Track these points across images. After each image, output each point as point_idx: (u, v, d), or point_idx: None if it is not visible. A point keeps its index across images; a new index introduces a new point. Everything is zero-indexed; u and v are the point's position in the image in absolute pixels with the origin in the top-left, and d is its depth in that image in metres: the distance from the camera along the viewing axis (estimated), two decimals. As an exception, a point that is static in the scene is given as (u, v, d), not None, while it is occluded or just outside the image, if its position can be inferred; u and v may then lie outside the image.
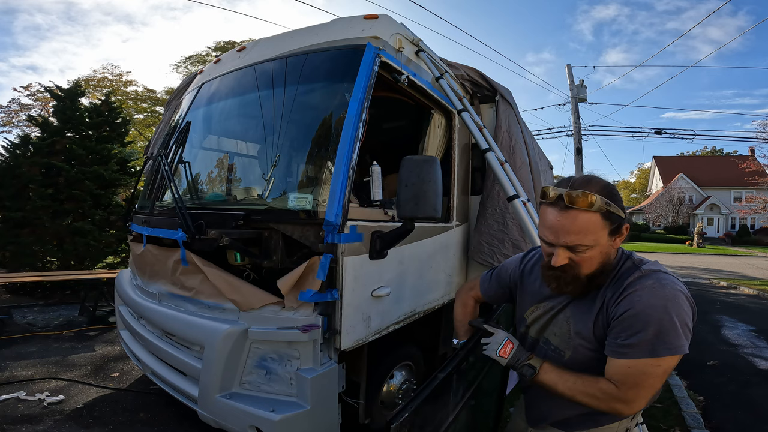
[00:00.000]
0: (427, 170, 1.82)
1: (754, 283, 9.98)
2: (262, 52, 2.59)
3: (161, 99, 17.07)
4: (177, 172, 2.64)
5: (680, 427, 2.81)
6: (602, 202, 0.99)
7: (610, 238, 1.05)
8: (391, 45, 2.32)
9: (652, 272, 1.07)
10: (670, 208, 33.39)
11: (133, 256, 2.99)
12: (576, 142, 12.74)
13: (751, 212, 27.57)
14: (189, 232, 2.01)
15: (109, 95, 8.15)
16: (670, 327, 0.97)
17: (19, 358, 3.58)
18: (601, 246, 1.04)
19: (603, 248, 1.05)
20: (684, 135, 17.14)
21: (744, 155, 32.40)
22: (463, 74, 3.20)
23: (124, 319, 2.89)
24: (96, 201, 6.42)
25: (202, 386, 1.96)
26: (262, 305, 1.97)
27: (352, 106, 2.01)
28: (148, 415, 2.73)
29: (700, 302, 7.50)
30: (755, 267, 14.71)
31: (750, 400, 3.36)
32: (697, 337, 5.14)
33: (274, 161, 2.23)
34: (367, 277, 2.06)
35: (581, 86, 13.08)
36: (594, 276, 1.08)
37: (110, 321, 4.88)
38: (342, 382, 2.05)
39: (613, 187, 1.06)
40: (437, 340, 3.07)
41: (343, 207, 1.86)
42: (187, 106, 2.97)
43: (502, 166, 2.62)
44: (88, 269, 6.10)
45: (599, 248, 1.04)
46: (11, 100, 17.10)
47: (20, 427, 2.50)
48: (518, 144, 3.12)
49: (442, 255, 2.81)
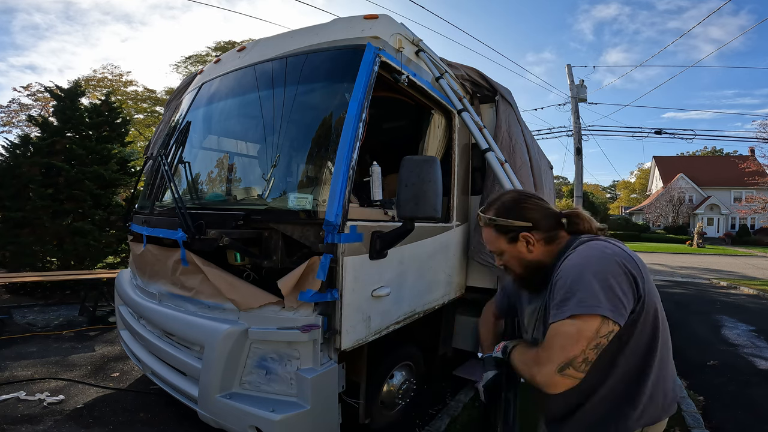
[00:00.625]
0: (427, 170, 1.82)
1: (754, 283, 9.98)
2: (262, 52, 2.59)
3: (161, 99, 17.07)
4: (177, 172, 2.64)
5: (680, 427, 2.81)
6: (487, 219, 1.21)
7: (511, 245, 1.20)
8: (391, 45, 2.32)
9: (589, 240, 1.11)
10: (670, 208, 33.39)
11: (133, 256, 2.99)
12: (576, 142, 12.74)
13: (751, 212, 27.57)
14: (189, 232, 2.01)
15: (109, 95, 8.15)
16: (585, 285, 0.97)
17: (19, 358, 3.58)
18: (509, 251, 1.21)
19: (513, 253, 1.21)
20: (684, 135, 17.16)
21: (744, 155, 32.44)
22: (463, 74, 3.20)
23: (124, 319, 2.89)
24: (96, 201, 6.42)
25: (202, 386, 1.96)
26: (262, 305, 1.97)
27: (352, 106, 2.01)
28: (148, 415, 2.73)
29: (700, 302, 7.54)
30: (755, 267, 14.70)
31: (750, 400, 3.36)
32: (697, 337, 5.17)
33: (274, 161, 2.23)
34: (367, 277, 2.06)
35: (581, 86, 13.08)
36: (531, 273, 1.21)
37: (110, 321, 4.88)
38: (342, 382, 2.06)
39: (513, 203, 1.21)
40: (437, 340, 3.08)
41: (343, 207, 1.86)
42: (187, 106, 2.97)
43: (502, 166, 2.62)
44: (88, 269, 6.10)
45: (508, 253, 1.21)
46: (11, 100, 17.12)
47: (20, 427, 2.50)
48: (518, 144, 3.12)
49: (442, 255, 2.81)
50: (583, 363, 0.96)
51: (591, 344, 0.95)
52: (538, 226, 1.18)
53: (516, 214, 1.19)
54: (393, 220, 2.26)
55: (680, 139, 34.74)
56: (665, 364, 1.14)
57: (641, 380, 1.09)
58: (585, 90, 13.15)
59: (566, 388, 0.98)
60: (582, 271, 1.00)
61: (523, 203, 1.21)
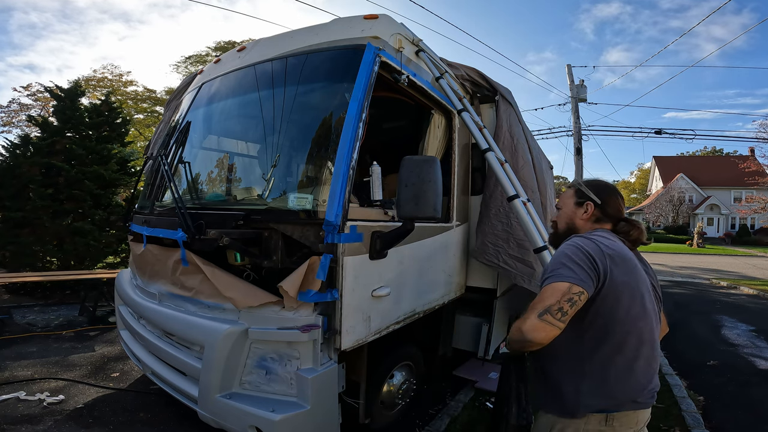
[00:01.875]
0: (427, 170, 1.82)
1: (754, 283, 9.98)
2: (262, 52, 2.59)
3: (161, 99, 17.06)
4: (177, 172, 2.64)
5: (680, 427, 2.81)
6: (576, 183, 1.55)
7: (575, 207, 1.49)
8: (391, 45, 2.32)
9: (591, 233, 1.40)
10: (670, 208, 33.38)
11: (133, 256, 2.99)
12: (576, 142, 12.74)
13: (751, 212, 27.55)
14: (189, 232, 2.01)
15: (109, 95, 8.15)
16: (552, 261, 1.31)
17: (19, 358, 3.58)
18: (568, 209, 1.51)
19: (569, 212, 1.51)
20: (684, 135, 17.16)
21: (744, 155, 32.40)
22: (463, 74, 3.20)
23: (124, 319, 2.89)
24: (96, 201, 6.41)
25: (202, 386, 1.96)
26: (261, 303, 1.97)
27: (352, 106, 2.01)
28: (148, 415, 2.73)
29: (700, 302, 7.53)
30: (755, 267, 14.70)
31: (750, 400, 3.36)
32: (697, 337, 5.18)
33: (274, 161, 2.23)
34: (367, 277, 2.06)
35: (581, 86, 13.08)
36: (565, 233, 1.50)
37: (110, 321, 4.88)
38: (342, 382, 2.06)
39: (604, 185, 1.52)
40: (437, 340, 3.08)
41: (343, 207, 1.86)
42: (187, 106, 2.97)
43: (502, 166, 2.62)
44: (88, 269, 6.10)
45: (566, 210, 1.52)
46: (11, 100, 17.10)
47: (20, 427, 2.50)
48: (520, 143, 3.12)
49: (442, 255, 2.81)
50: (558, 312, 1.17)
51: (564, 298, 1.18)
52: (602, 207, 1.45)
53: (596, 192, 1.48)
54: (393, 220, 2.26)
55: (680, 139, 34.77)
56: (622, 363, 1.27)
57: (584, 361, 1.28)
58: (585, 90, 13.15)
59: (546, 334, 1.16)
60: (558, 254, 1.32)
61: (607, 189, 1.50)
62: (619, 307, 1.25)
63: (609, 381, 1.26)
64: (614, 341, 1.26)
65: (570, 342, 1.28)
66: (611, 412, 1.27)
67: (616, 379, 1.26)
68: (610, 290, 1.24)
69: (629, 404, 1.28)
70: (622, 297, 1.25)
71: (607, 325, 1.26)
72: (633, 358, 1.27)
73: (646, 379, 1.30)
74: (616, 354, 1.26)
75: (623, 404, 1.27)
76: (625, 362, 1.27)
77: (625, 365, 1.27)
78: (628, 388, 1.27)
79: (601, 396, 1.26)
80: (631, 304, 1.27)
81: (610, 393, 1.26)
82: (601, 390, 1.26)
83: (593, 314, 1.26)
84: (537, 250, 2.28)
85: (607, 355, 1.26)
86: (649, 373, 1.31)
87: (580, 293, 1.19)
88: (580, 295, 1.19)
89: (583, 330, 1.27)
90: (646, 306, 1.31)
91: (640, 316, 1.28)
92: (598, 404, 1.26)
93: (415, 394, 2.85)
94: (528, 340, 1.17)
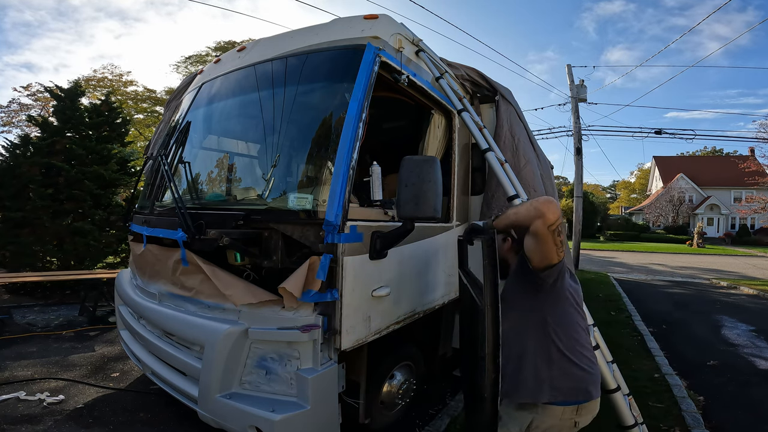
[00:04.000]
0: (427, 170, 1.82)
1: (754, 283, 9.97)
2: (262, 52, 2.59)
3: (161, 99, 17.05)
4: (177, 172, 2.64)
5: (680, 427, 2.81)
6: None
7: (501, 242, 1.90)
8: (391, 45, 2.32)
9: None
10: (670, 208, 33.37)
11: (133, 256, 2.99)
12: (576, 142, 12.73)
13: (751, 212, 27.53)
14: (189, 232, 2.01)
15: (109, 95, 8.15)
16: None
17: (19, 358, 3.58)
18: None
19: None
20: (684, 135, 17.14)
21: (744, 155, 32.39)
22: (463, 74, 3.20)
23: (124, 319, 2.89)
24: (96, 201, 6.41)
25: (202, 386, 1.96)
26: (260, 301, 1.97)
27: (352, 106, 2.01)
28: (148, 415, 2.73)
29: (700, 302, 7.54)
30: (755, 267, 14.70)
31: (750, 400, 3.36)
32: (697, 337, 5.18)
33: (274, 161, 2.23)
34: (367, 277, 2.06)
35: (581, 86, 13.07)
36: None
37: (110, 321, 4.88)
38: (342, 382, 2.06)
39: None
40: (437, 340, 3.07)
41: (343, 207, 1.86)
42: (187, 106, 2.97)
43: (502, 166, 2.62)
44: (88, 269, 6.09)
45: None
46: (11, 100, 17.09)
47: (20, 427, 2.50)
48: (521, 142, 3.10)
49: (442, 255, 2.81)
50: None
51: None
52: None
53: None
54: (393, 220, 2.26)
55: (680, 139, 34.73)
56: (535, 359, 1.56)
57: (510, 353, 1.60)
58: (585, 90, 13.14)
59: (555, 216, 1.41)
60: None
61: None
62: (549, 320, 1.60)
63: (513, 376, 1.64)
64: (532, 340, 1.67)
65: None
66: (508, 396, 1.62)
67: (517, 370, 1.67)
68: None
69: (514, 395, 1.64)
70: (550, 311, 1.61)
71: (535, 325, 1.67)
72: (538, 363, 1.65)
73: (536, 383, 1.61)
74: (530, 358, 1.65)
75: (510, 396, 1.64)
76: (535, 366, 1.65)
77: (528, 367, 1.66)
78: (519, 388, 1.65)
79: (504, 383, 1.63)
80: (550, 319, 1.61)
81: (511, 383, 1.64)
82: (506, 379, 1.63)
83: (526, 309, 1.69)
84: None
85: (515, 348, 1.67)
86: (540, 379, 1.60)
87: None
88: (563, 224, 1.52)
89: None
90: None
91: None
92: (504, 390, 1.62)
93: (415, 394, 2.85)
94: (543, 212, 1.40)
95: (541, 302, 1.59)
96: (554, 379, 1.55)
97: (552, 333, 1.57)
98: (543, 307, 1.59)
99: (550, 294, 1.57)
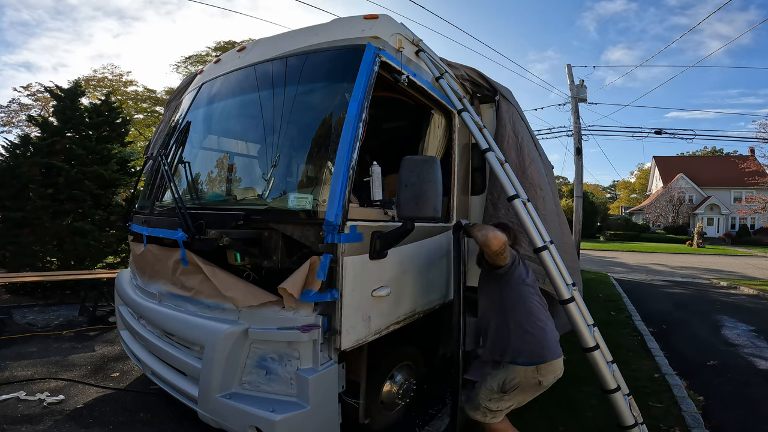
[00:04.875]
0: (427, 170, 1.82)
1: (754, 283, 9.97)
2: (262, 52, 2.59)
3: (161, 99, 17.05)
4: (177, 172, 2.64)
5: (680, 427, 2.81)
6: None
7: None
8: (391, 45, 2.32)
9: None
10: (670, 208, 33.37)
11: (133, 256, 2.99)
12: (576, 142, 12.73)
13: (751, 212, 27.54)
14: (189, 232, 2.01)
15: (109, 95, 8.15)
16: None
17: (19, 358, 3.58)
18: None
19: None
20: (684, 135, 17.13)
21: (744, 155, 32.40)
22: (463, 74, 3.20)
23: (124, 319, 2.89)
24: (96, 201, 6.41)
25: (202, 386, 1.96)
26: (260, 303, 1.97)
27: (352, 106, 2.01)
28: (148, 415, 2.73)
29: (700, 302, 7.54)
30: (755, 267, 14.70)
31: (750, 400, 3.36)
32: (697, 337, 5.18)
33: (274, 161, 2.23)
34: (367, 277, 2.06)
35: (581, 86, 13.07)
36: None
37: (110, 321, 4.87)
38: (342, 382, 2.06)
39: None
40: (437, 340, 3.07)
41: (343, 207, 1.86)
42: (187, 106, 2.97)
43: (502, 166, 2.62)
44: (88, 269, 6.09)
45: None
46: (11, 100, 17.11)
47: (20, 427, 2.50)
48: (525, 141, 3.09)
49: (442, 255, 2.81)
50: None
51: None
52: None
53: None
54: (393, 220, 2.26)
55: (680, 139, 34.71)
56: (498, 328, 2.15)
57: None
58: (585, 90, 13.13)
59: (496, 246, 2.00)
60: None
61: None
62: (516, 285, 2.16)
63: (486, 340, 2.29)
64: (497, 312, 2.23)
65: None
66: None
67: (488, 335, 2.27)
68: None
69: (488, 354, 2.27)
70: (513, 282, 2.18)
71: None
72: (500, 328, 2.20)
73: (501, 345, 2.17)
74: (496, 326, 2.22)
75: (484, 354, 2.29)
76: (495, 332, 2.23)
77: (493, 331, 2.24)
78: (493, 348, 2.23)
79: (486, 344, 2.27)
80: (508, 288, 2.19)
81: (487, 344, 2.26)
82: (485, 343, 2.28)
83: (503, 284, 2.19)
84: (537, 250, 2.28)
85: (485, 316, 2.31)
86: (504, 344, 2.13)
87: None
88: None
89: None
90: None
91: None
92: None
93: (415, 394, 2.85)
94: (488, 245, 2.00)
95: (500, 286, 2.16)
96: (513, 344, 2.06)
97: (509, 308, 2.11)
98: (501, 290, 2.15)
99: (504, 281, 2.14)
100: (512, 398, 2.08)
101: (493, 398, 2.09)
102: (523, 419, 2.74)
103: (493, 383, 2.10)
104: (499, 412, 2.12)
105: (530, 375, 2.02)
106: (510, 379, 2.05)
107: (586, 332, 2.16)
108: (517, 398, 2.10)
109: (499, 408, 2.11)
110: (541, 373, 2.02)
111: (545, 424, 2.79)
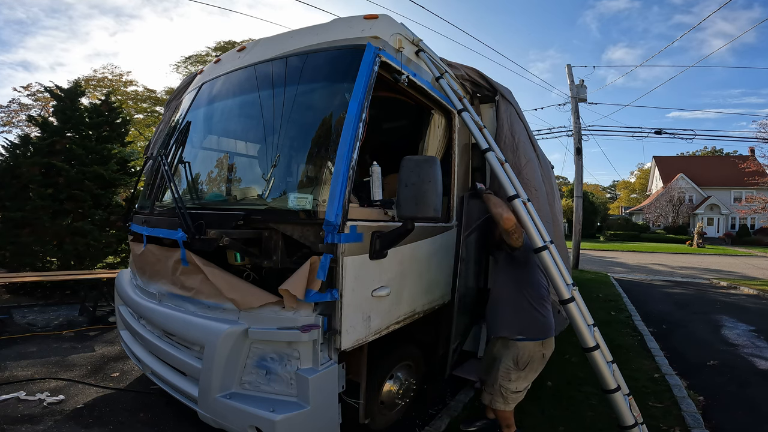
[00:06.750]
0: (427, 170, 1.82)
1: (754, 283, 9.97)
2: (263, 52, 2.59)
3: (161, 99, 17.06)
4: (177, 172, 2.64)
5: (680, 427, 2.81)
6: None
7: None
8: (391, 45, 2.32)
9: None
10: (670, 208, 33.37)
11: (133, 256, 2.99)
12: (576, 142, 12.74)
13: (751, 212, 27.53)
14: (189, 232, 2.01)
15: (109, 95, 8.14)
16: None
17: (19, 358, 3.58)
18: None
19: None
20: (684, 135, 17.16)
21: (744, 155, 32.42)
22: (463, 74, 3.20)
23: (124, 319, 2.89)
24: (96, 201, 6.41)
25: (202, 386, 1.96)
26: (262, 304, 1.97)
27: (352, 106, 2.01)
28: (148, 415, 2.73)
29: (700, 302, 7.54)
30: (755, 267, 14.70)
31: (750, 400, 3.36)
32: (697, 337, 5.18)
33: (274, 161, 2.23)
34: (367, 277, 2.06)
35: (581, 86, 13.08)
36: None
37: (110, 321, 4.88)
38: (342, 382, 2.06)
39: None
40: (437, 340, 3.07)
41: (343, 207, 1.86)
42: (187, 106, 2.97)
43: (502, 165, 2.62)
44: (88, 269, 6.09)
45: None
46: (11, 100, 17.13)
47: (20, 427, 2.50)
48: (521, 141, 3.10)
49: (442, 255, 2.81)
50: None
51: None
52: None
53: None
54: (393, 220, 2.26)
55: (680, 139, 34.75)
56: (493, 304, 2.53)
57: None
58: (585, 90, 13.15)
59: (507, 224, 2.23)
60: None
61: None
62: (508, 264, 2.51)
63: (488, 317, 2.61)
64: (495, 290, 2.66)
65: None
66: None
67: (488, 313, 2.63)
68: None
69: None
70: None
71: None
72: (495, 308, 2.55)
73: (498, 323, 2.51)
74: (493, 303, 2.61)
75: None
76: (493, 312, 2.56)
77: (491, 310, 2.58)
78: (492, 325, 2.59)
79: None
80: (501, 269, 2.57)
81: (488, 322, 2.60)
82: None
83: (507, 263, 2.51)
84: (537, 249, 2.28)
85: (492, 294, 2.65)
86: (501, 319, 2.47)
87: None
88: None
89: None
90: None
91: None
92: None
93: (415, 394, 2.85)
94: (501, 221, 2.24)
95: (518, 268, 2.40)
96: (523, 322, 2.33)
97: (523, 289, 2.37)
98: (520, 271, 2.39)
99: (522, 263, 2.39)
100: (527, 375, 2.33)
101: (511, 377, 2.30)
102: (523, 419, 2.74)
103: (507, 362, 2.33)
104: (518, 393, 2.33)
105: (537, 349, 2.32)
106: (521, 355, 2.31)
107: (586, 332, 2.16)
108: (530, 376, 2.35)
109: (518, 389, 2.32)
110: (545, 347, 2.35)
111: (545, 424, 2.79)
